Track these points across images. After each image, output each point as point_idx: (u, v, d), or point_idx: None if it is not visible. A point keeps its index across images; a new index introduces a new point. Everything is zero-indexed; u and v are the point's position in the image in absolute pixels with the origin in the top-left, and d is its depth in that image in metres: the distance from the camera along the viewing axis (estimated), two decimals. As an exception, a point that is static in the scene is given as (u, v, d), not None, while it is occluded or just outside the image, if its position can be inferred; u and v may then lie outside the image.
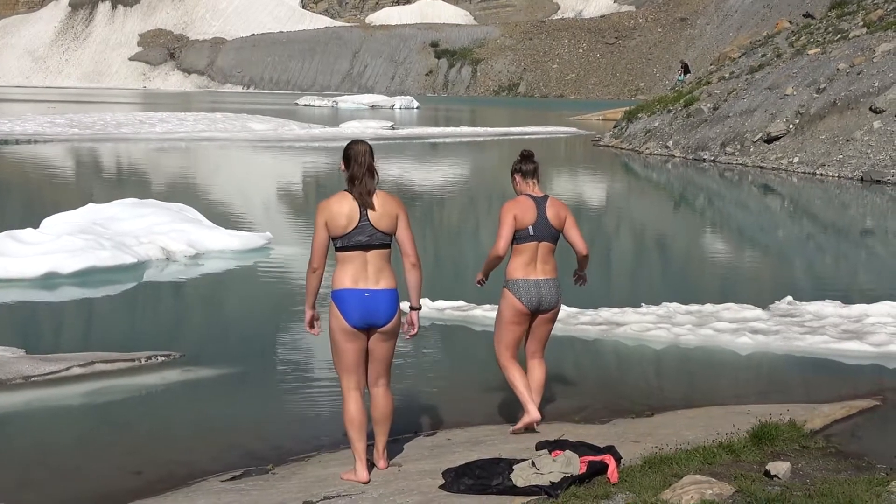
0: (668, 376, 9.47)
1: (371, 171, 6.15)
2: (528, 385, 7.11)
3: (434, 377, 8.91)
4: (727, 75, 42.33)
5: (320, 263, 6.03)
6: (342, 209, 5.93)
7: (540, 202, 7.11)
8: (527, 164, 7.21)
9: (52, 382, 8.49)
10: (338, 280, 5.91)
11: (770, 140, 33.45)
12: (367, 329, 5.96)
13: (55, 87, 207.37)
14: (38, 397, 8.22)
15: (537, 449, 6.00)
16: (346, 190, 6.11)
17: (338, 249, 5.91)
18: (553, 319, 7.31)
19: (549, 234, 7.09)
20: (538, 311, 7.11)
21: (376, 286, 5.89)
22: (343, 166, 6.25)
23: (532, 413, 7.01)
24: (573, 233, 7.24)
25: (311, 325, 6.19)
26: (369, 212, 5.92)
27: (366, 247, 5.88)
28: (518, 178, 7.27)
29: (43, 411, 8.01)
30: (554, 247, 7.19)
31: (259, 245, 15.73)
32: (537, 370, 7.32)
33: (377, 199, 6.02)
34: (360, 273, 5.86)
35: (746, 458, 6.17)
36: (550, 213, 7.10)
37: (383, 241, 5.96)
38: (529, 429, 7.03)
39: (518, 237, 7.03)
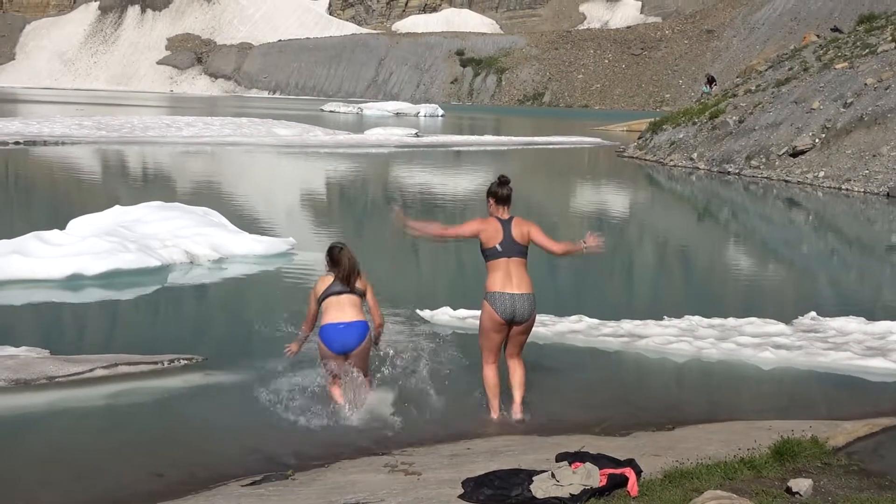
0: (689, 390, 9.42)
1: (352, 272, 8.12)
2: (497, 390, 8.04)
3: (454, 386, 8.90)
4: (753, 88, 42.14)
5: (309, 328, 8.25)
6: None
7: (506, 224, 7.88)
8: (503, 189, 8.00)
9: (76, 384, 8.54)
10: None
11: (796, 154, 33.27)
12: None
13: (83, 90, 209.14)
14: (62, 398, 8.27)
15: (557, 460, 5.99)
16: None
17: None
18: (527, 331, 8.04)
19: (516, 250, 7.81)
20: (513, 322, 7.81)
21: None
22: (327, 266, 8.14)
23: (493, 413, 7.97)
24: (541, 238, 7.95)
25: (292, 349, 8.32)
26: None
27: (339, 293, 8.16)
28: (492, 201, 8.01)
29: (66, 412, 8.05)
30: (524, 261, 7.89)
31: (282, 250, 15.79)
32: (518, 369, 8.09)
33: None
34: None
35: (768, 474, 6.13)
36: (515, 231, 7.84)
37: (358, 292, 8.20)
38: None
39: (488, 255, 7.85)
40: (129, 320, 11.16)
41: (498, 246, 7.75)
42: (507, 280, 7.70)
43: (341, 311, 7.96)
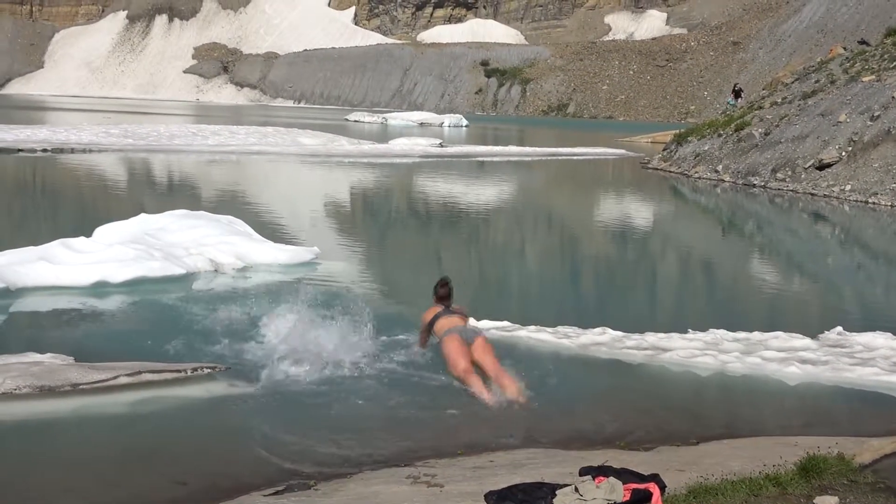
0: (714, 404, 9.35)
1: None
2: (471, 376, 8.99)
3: (475, 398, 8.87)
4: (779, 100, 41.93)
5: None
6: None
7: (444, 308, 9.85)
8: (442, 289, 9.99)
9: (100, 391, 8.57)
10: None
11: (822, 167, 33.06)
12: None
13: (111, 98, 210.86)
14: (86, 405, 8.31)
15: (581, 474, 5.95)
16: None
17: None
18: (485, 347, 9.33)
19: (450, 312, 9.78)
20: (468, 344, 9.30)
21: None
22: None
23: (486, 395, 8.78)
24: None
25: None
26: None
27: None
28: (434, 299, 9.96)
29: (90, 419, 8.08)
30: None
31: (307, 259, 15.81)
32: (506, 381, 8.97)
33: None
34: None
35: (793, 490, 6.06)
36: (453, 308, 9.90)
37: None
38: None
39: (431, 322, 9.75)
40: (154, 328, 11.19)
41: (436, 314, 9.78)
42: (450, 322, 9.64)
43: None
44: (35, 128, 51.56)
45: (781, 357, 10.44)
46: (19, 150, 38.96)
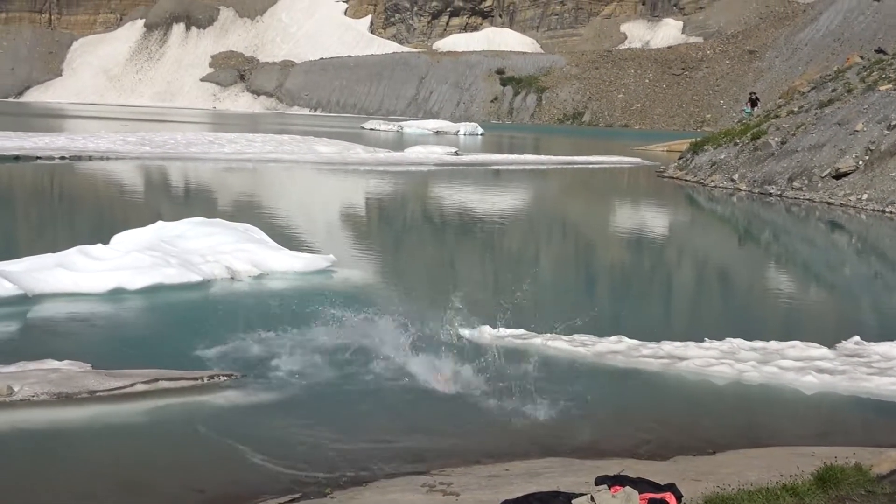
0: (730, 414, 9.30)
1: None
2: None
3: (492, 407, 8.86)
4: (796, 109, 41.79)
5: None
6: None
7: None
8: None
9: (117, 398, 8.61)
10: None
11: (839, 176, 32.91)
12: None
13: (128, 106, 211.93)
14: (103, 412, 8.34)
15: (597, 484, 5.94)
16: None
17: None
18: None
19: None
20: None
21: None
22: None
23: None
24: None
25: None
26: None
27: None
28: None
29: (107, 427, 8.11)
30: None
31: (322, 267, 15.84)
32: None
33: None
34: None
35: (810, 501, 6.03)
36: None
37: None
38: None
39: None
40: (170, 335, 11.25)
41: None
42: None
43: None
44: (53, 135, 51.85)
45: (798, 366, 10.39)
46: (38, 158, 39.18)
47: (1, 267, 12.95)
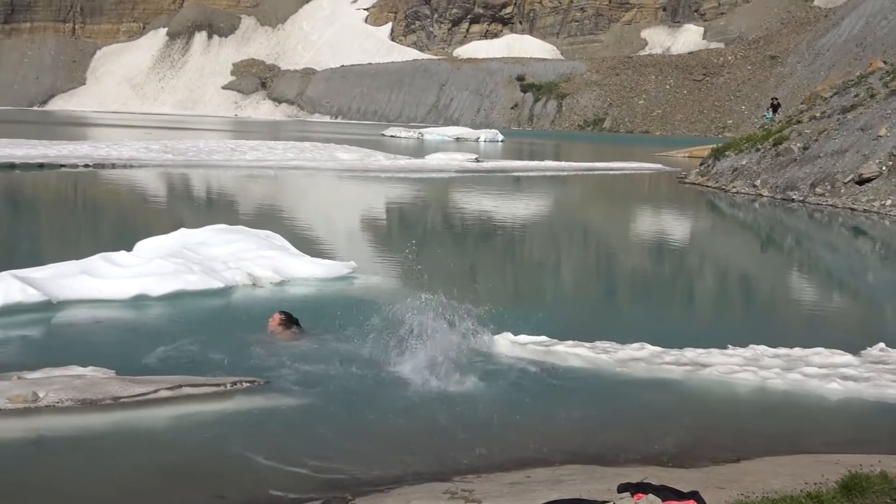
0: (754, 421, 9.24)
1: None
2: None
3: (515, 413, 8.85)
4: (818, 115, 41.55)
5: None
6: None
7: None
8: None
9: (140, 404, 8.65)
10: None
11: (862, 182, 32.71)
12: None
13: (151, 114, 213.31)
14: (127, 418, 8.38)
15: (619, 491, 5.92)
16: None
17: None
18: None
19: None
20: None
21: None
22: None
23: None
24: None
25: None
26: None
27: None
28: None
29: (130, 433, 8.15)
30: None
31: (343, 273, 15.87)
32: None
33: None
34: None
35: (835, 509, 5.99)
36: None
37: None
38: None
39: None
40: (193, 341, 11.29)
41: None
42: None
43: None
44: (77, 143, 52.25)
45: (823, 373, 10.32)
46: (62, 166, 39.49)
47: (25, 274, 13.05)
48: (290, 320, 11.57)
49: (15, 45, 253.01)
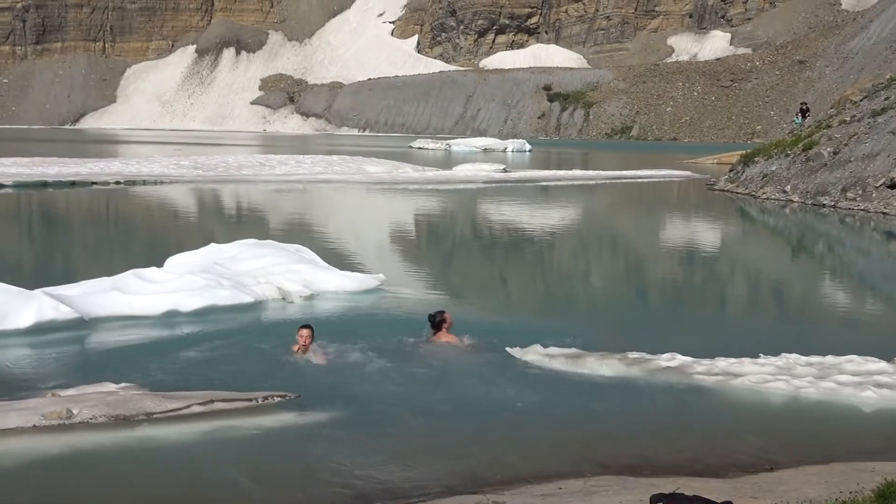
0: (787, 430, 9.16)
1: None
2: None
3: (544, 424, 8.83)
4: (848, 119, 41.19)
5: None
6: None
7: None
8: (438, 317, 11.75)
9: (173, 420, 8.71)
10: None
11: (894, 185, 32.38)
12: None
13: (181, 130, 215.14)
14: (160, 434, 8.44)
15: (652, 502, 5.89)
16: None
17: None
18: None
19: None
20: None
21: None
22: None
23: None
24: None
25: None
26: None
27: None
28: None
29: (163, 448, 8.21)
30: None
31: (372, 286, 15.91)
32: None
33: None
34: None
35: (871, 518, 5.93)
36: None
37: None
38: None
39: None
40: (224, 356, 11.36)
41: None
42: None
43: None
44: (108, 161, 52.81)
45: (856, 381, 10.21)
46: (93, 183, 39.93)
47: (58, 291, 13.19)
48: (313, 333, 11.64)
49: (47, 64, 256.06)
